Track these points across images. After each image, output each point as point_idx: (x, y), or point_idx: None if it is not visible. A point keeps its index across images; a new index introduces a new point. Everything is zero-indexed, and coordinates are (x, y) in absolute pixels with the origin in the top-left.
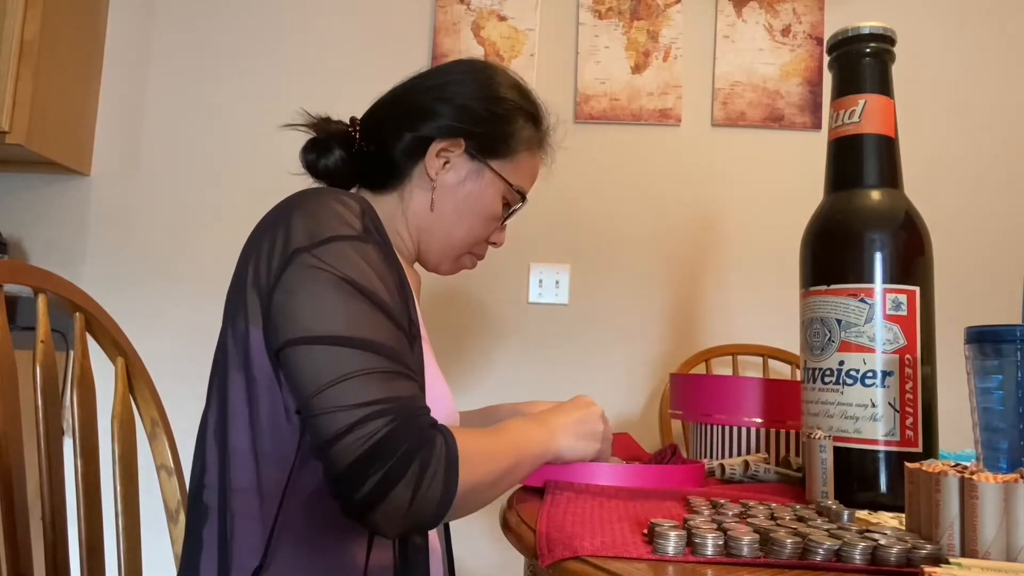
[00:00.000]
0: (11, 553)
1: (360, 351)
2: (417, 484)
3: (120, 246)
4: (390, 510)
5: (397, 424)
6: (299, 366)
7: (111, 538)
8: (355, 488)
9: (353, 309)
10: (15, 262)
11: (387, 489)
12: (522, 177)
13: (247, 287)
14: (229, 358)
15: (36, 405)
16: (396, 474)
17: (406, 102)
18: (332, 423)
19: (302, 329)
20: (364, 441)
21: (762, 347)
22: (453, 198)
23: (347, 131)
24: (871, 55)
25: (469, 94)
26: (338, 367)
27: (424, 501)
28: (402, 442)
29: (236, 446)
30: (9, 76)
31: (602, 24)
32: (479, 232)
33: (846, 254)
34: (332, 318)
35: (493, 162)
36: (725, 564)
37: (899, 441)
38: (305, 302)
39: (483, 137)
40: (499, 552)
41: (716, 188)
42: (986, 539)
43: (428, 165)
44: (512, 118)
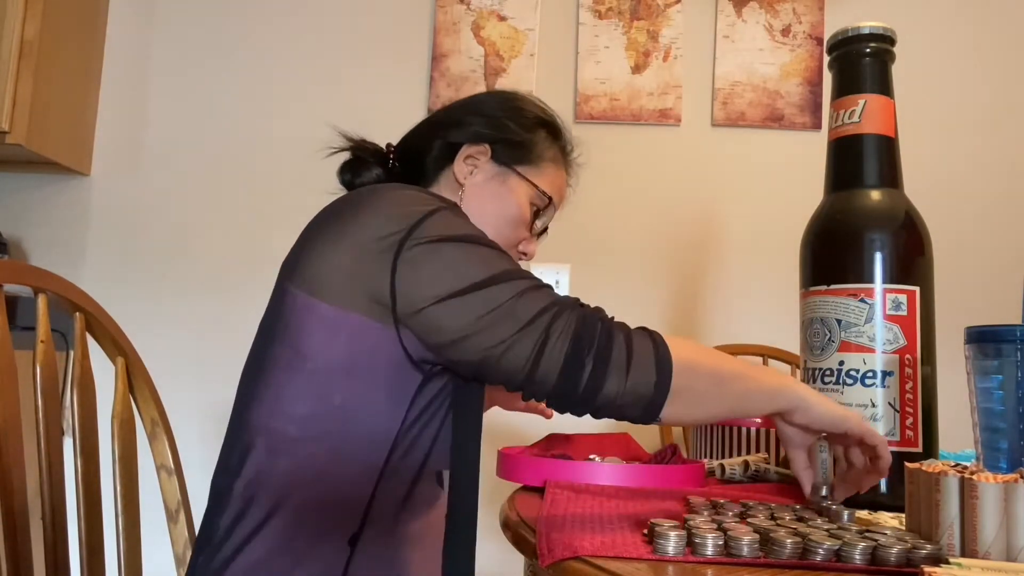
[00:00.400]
0: (11, 553)
1: (504, 282)
2: (628, 344)
3: (120, 246)
4: (614, 378)
5: (578, 314)
6: (457, 316)
7: (111, 538)
8: (577, 383)
9: (478, 255)
10: (15, 262)
11: (605, 363)
12: (548, 184)
13: (328, 277)
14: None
15: (36, 405)
16: (605, 347)
17: (438, 117)
18: (522, 348)
19: (446, 285)
20: (561, 342)
21: (762, 347)
22: (479, 199)
23: (382, 151)
24: (871, 55)
25: (496, 107)
26: (496, 301)
27: (641, 358)
28: (596, 323)
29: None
30: (9, 76)
31: (602, 24)
32: (507, 234)
33: (846, 254)
34: (467, 268)
35: (519, 167)
36: (725, 564)
37: (899, 441)
38: (436, 266)
39: (508, 143)
40: (499, 552)
41: (716, 188)
42: (986, 539)
43: (456, 170)
44: (534, 129)
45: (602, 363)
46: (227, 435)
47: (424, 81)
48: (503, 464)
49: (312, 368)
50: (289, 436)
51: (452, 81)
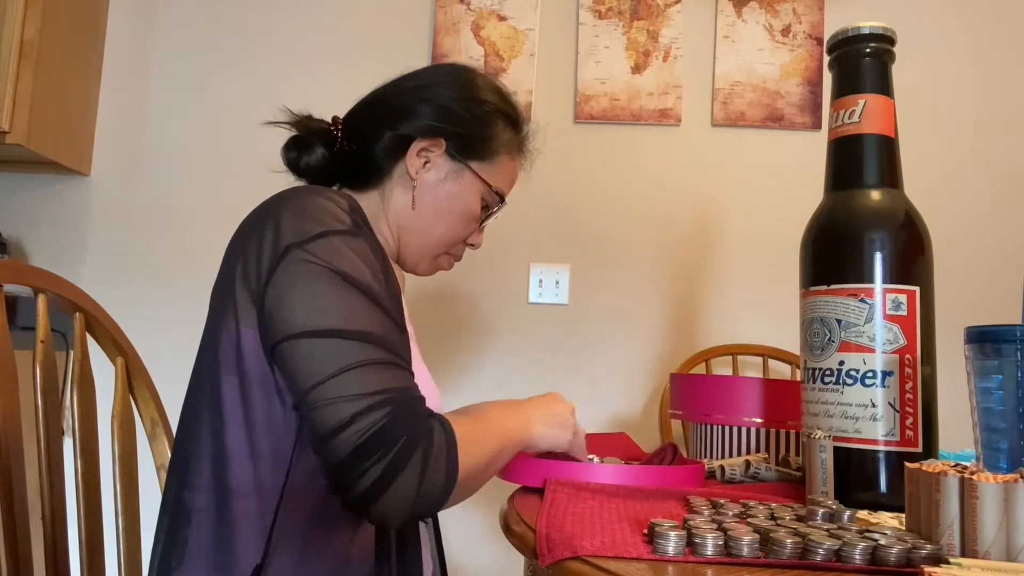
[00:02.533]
0: (11, 553)
1: (357, 343)
2: (422, 473)
3: (120, 246)
4: (396, 500)
5: (396, 414)
6: (296, 360)
7: (111, 538)
8: (357, 479)
9: (348, 302)
10: (15, 262)
11: (390, 479)
12: (501, 180)
13: (236, 287)
14: (220, 359)
15: (36, 405)
16: (399, 464)
17: (388, 102)
18: (332, 415)
19: (299, 324)
20: (364, 431)
21: (762, 347)
22: (433, 197)
23: (329, 129)
24: (871, 55)
25: (450, 96)
26: (336, 359)
27: (429, 488)
28: (402, 432)
29: (232, 447)
30: (9, 76)
31: (602, 24)
32: (458, 232)
33: (846, 254)
34: (328, 312)
35: (473, 163)
36: (725, 564)
37: (899, 441)
38: (300, 297)
39: (463, 138)
40: (499, 552)
41: (716, 188)
42: (986, 539)
43: (409, 164)
44: (492, 121)
45: (386, 481)
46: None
47: None
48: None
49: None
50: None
51: None
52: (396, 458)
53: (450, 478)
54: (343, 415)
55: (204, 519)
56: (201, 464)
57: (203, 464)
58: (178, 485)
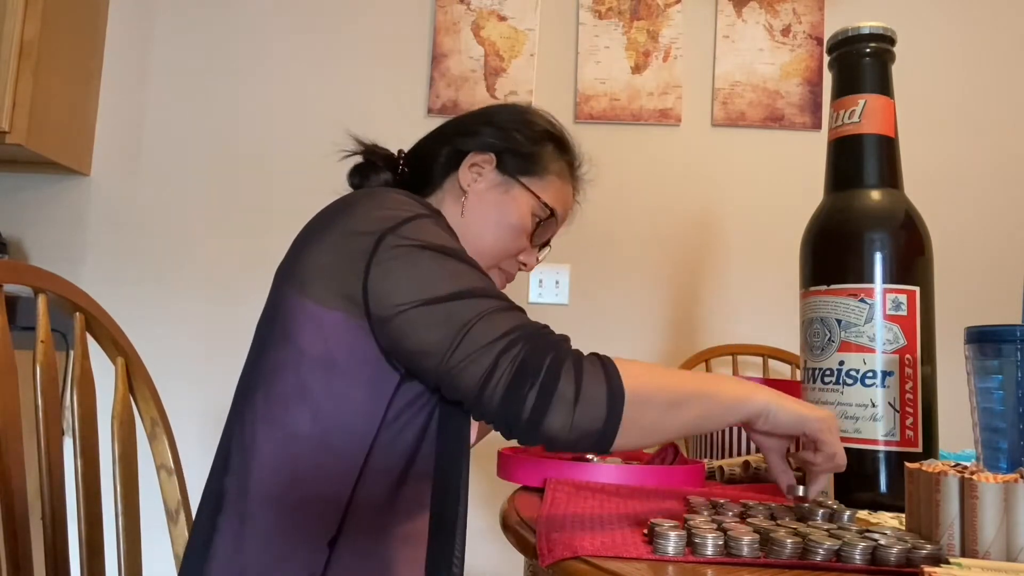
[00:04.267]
0: (11, 553)
1: (470, 299)
2: (577, 379)
3: (120, 246)
4: (559, 412)
5: (533, 344)
6: (417, 331)
7: (111, 538)
8: (520, 409)
9: (449, 268)
10: (15, 262)
11: (548, 396)
12: (551, 197)
13: (315, 275)
14: (291, 344)
15: (36, 405)
16: (551, 380)
17: (449, 126)
18: (475, 370)
19: (411, 297)
20: (508, 371)
21: (762, 347)
22: (482, 205)
23: (392, 156)
24: (871, 55)
25: (505, 117)
26: (458, 319)
27: (589, 394)
28: (546, 352)
29: (301, 434)
30: (9, 76)
31: (602, 24)
32: (507, 243)
33: (846, 254)
34: (435, 280)
35: (523, 178)
36: (725, 564)
37: (899, 441)
38: (406, 273)
39: (514, 154)
40: (499, 552)
41: (716, 188)
42: (986, 539)
43: (461, 176)
44: (542, 141)
45: (545, 398)
46: (223, 434)
47: (424, 81)
48: (503, 464)
49: (299, 366)
50: (274, 435)
51: (452, 81)
52: (547, 378)
53: (613, 386)
54: (485, 364)
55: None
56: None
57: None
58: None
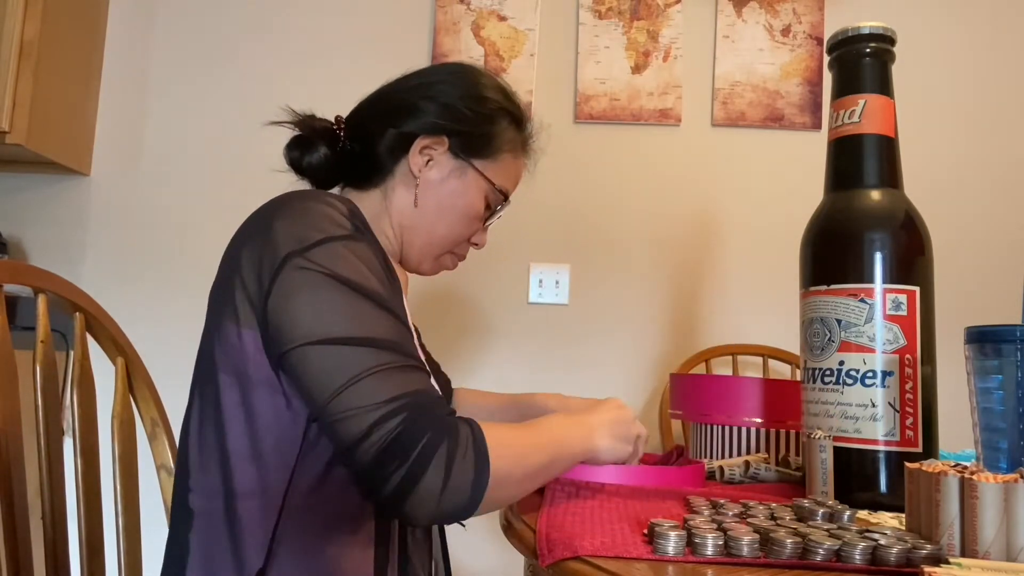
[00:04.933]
0: (11, 553)
1: (368, 348)
2: (447, 469)
3: (120, 246)
4: (422, 499)
5: (414, 418)
6: (308, 370)
7: (111, 538)
8: (382, 485)
9: (354, 308)
10: (15, 262)
11: (415, 479)
12: (505, 178)
13: (235, 291)
14: (217, 362)
15: (36, 405)
16: (422, 464)
17: (391, 100)
18: (352, 427)
19: (306, 333)
20: (384, 440)
21: (762, 347)
22: (436, 195)
23: (331, 129)
24: (871, 55)
25: (453, 93)
26: (348, 368)
27: (456, 484)
28: (423, 433)
29: (234, 449)
30: (9, 76)
31: (602, 24)
32: (461, 231)
33: (846, 254)
34: (335, 319)
35: (476, 161)
36: (725, 564)
37: (899, 441)
38: (306, 305)
39: (467, 136)
40: (499, 552)
41: (716, 188)
42: (986, 539)
43: (412, 162)
44: (495, 119)
45: (409, 483)
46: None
47: None
48: None
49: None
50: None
51: None
52: (417, 459)
53: (480, 474)
54: (362, 426)
55: (205, 523)
56: (204, 466)
57: (207, 466)
58: (182, 488)
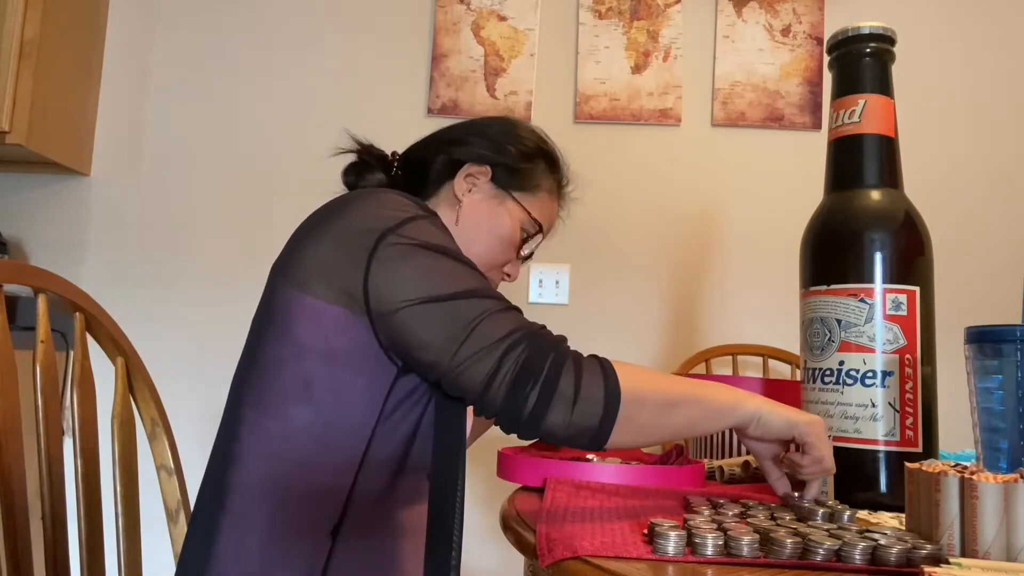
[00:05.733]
0: (11, 553)
1: (473, 299)
2: (577, 379)
3: (120, 246)
4: (558, 409)
5: (534, 345)
6: (420, 327)
7: (111, 538)
8: (520, 411)
9: (451, 268)
10: (15, 262)
11: (549, 394)
12: (540, 213)
13: (317, 272)
14: (288, 340)
15: (36, 405)
16: (552, 379)
17: (444, 134)
18: (480, 370)
19: (413, 293)
20: (512, 371)
21: (762, 347)
22: (476, 215)
23: (386, 157)
24: (871, 55)
25: (500, 132)
26: (463, 317)
27: (588, 393)
28: (547, 354)
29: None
30: (9, 76)
31: (602, 24)
32: (495, 255)
33: (846, 254)
34: (439, 278)
35: (515, 193)
36: (725, 564)
37: (899, 441)
38: (407, 272)
39: (508, 168)
40: (499, 552)
41: (716, 188)
42: (986, 539)
43: (456, 185)
44: (534, 157)
45: (546, 396)
46: (219, 430)
47: (424, 81)
48: (503, 464)
49: (299, 360)
50: (275, 429)
51: (452, 81)
52: (548, 377)
53: (610, 388)
54: (489, 364)
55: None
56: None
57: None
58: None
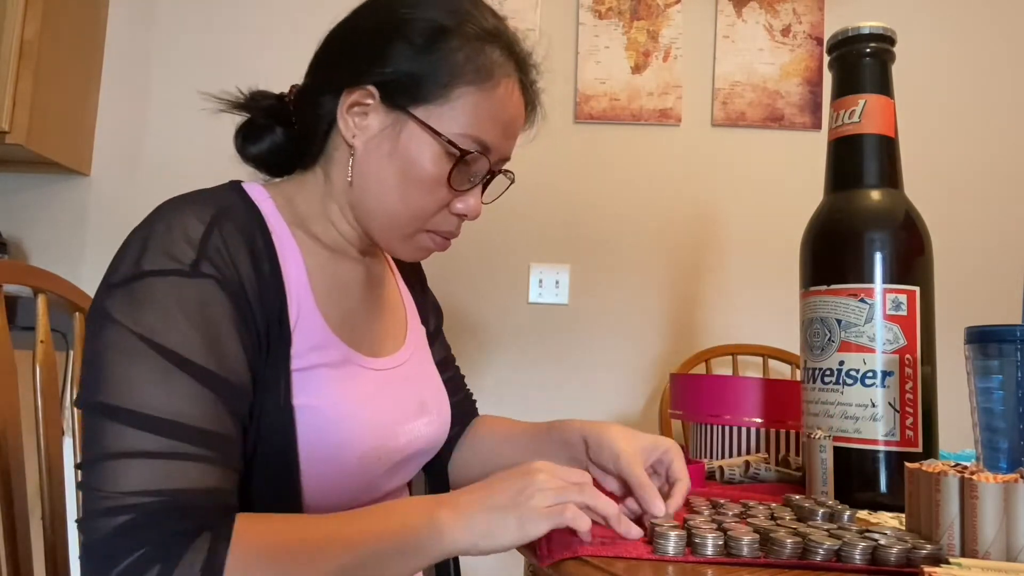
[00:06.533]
0: (11, 553)
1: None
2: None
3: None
4: None
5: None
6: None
7: None
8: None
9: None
10: (15, 262)
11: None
12: (468, 122)
13: None
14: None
15: (36, 405)
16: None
17: (320, 57)
18: (88, 501)
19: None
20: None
21: (762, 347)
22: (373, 162)
23: (277, 105)
24: (871, 55)
25: (375, 27)
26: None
27: None
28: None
29: None
30: (9, 76)
31: (602, 24)
32: (421, 201)
33: (846, 254)
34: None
35: (416, 109)
36: (725, 564)
37: (899, 441)
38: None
39: (400, 76)
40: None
41: (716, 188)
42: (986, 539)
43: (342, 127)
44: (436, 39)
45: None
46: None
47: None
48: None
49: None
50: None
51: None
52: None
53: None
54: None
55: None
56: None
57: None
58: None
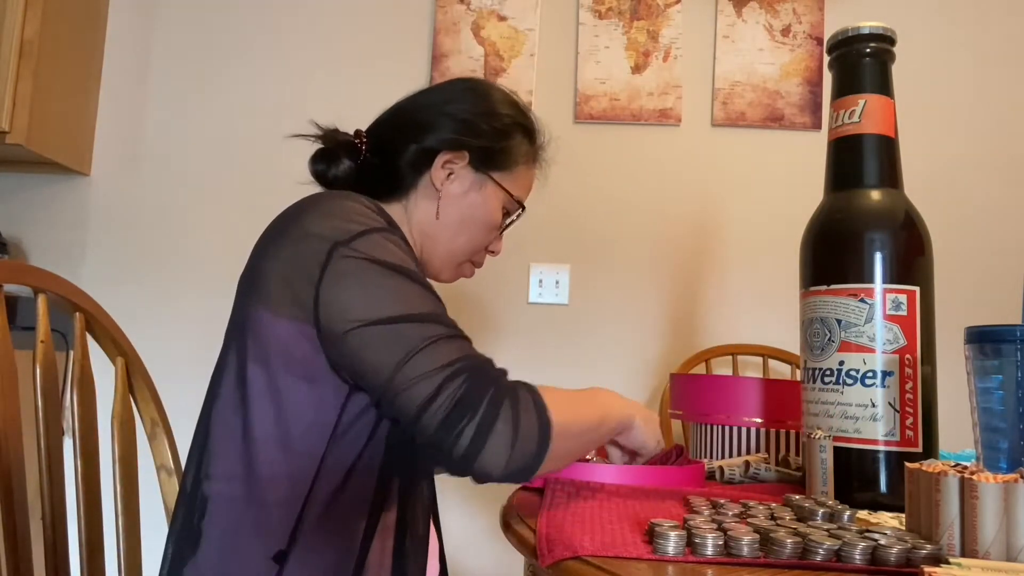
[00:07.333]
0: (11, 553)
1: (420, 323)
2: (515, 419)
3: (120, 246)
4: (495, 450)
5: (474, 378)
6: (368, 349)
7: (111, 538)
8: (454, 444)
9: (402, 288)
10: (15, 262)
11: (486, 433)
12: (520, 188)
13: (269, 283)
14: (248, 350)
15: (36, 405)
16: (490, 417)
17: (409, 116)
18: (415, 395)
19: (362, 315)
20: (449, 401)
21: (762, 347)
22: (458, 207)
23: (353, 142)
24: (871, 55)
25: (469, 109)
26: (406, 343)
27: (525, 433)
28: (485, 390)
29: (260, 435)
30: (9, 76)
31: (602, 24)
32: (480, 240)
33: (846, 254)
34: (386, 301)
35: (495, 174)
36: (725, 564)
37: (899, 441)
38: (358, 290)
39: (485, 150)
40: (499, 552)
41: (716, 188)
42: (986, 539)
43: (434, 176)
44: (510, 133)
45: (482, 436)
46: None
47: (424, 81)
48: None
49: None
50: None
51: None
52: (486, 413)
53: (544, 425)
54: (424, 393)
55: (225, 507)
56: (225, 453)
57: (227, 452)
58: (195, 476)
